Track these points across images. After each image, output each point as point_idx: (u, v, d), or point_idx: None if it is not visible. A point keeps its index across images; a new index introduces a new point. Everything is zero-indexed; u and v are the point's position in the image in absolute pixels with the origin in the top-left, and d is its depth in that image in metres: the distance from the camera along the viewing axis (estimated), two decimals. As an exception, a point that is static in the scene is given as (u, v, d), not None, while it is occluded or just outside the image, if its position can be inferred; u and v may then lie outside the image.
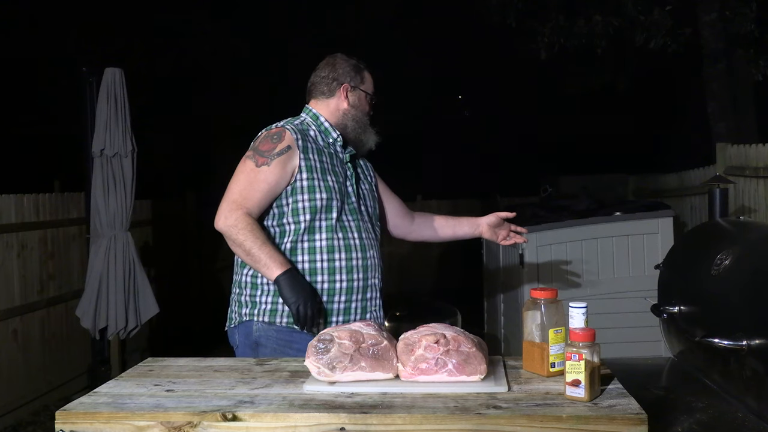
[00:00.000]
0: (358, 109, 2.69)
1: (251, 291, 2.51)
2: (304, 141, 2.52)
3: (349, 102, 2.67)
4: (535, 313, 1.86)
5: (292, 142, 2.49)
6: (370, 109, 2.74)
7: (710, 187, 3.09)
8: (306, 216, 2.47)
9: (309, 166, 2.49)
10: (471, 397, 1.70)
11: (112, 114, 4.88)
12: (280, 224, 2.51)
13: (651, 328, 3.48)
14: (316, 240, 2.48)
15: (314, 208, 2.47)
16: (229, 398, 1.73)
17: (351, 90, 2.68)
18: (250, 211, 2.42)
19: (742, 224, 2.71)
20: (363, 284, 2.55)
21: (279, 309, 2.45)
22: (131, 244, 4.95)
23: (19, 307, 5.07)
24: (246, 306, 2.52)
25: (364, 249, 2.55)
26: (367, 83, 2.74)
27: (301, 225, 2.48)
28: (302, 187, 2.47)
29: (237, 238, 2.39)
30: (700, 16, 7.23)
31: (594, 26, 7.70)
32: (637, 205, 5.41)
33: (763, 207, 4.45)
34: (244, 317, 2.51)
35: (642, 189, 7.61)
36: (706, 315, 2.18)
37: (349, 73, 2.70)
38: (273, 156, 2.45)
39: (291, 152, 2.48)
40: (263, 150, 2.47)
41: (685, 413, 1.91)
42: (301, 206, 2.47)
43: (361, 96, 2.70)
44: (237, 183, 2.46)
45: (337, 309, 2.49)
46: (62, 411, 1.68)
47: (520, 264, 5.12)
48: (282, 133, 2.51)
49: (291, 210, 2.48)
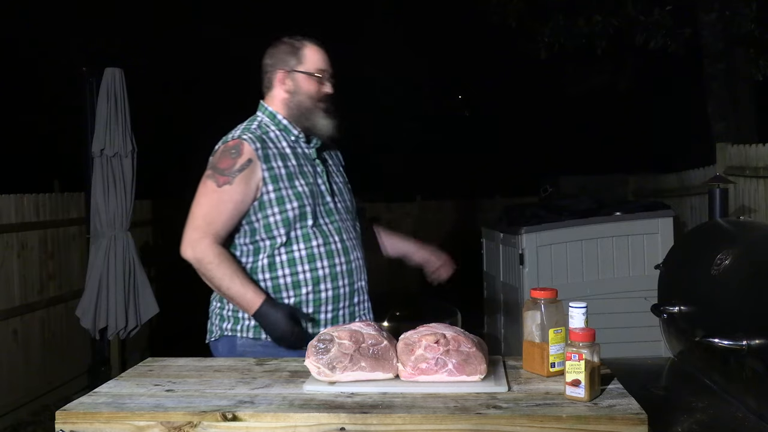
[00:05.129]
0: (298, 95, 2.42)
1: (233, 307, 2.38)
2: (265, 148, 2.34)
3: (286, 88, 2.44)
4: (535, 313, 1.86)
5: (252, 154, 2.31)
6: (319, 90, 2.44)
7: (710, 187, 3.09)
8: (280, 230, 2.32)
9: (273, 176, 2.32)
10: (471, 397, 1.70)
11: (112, 114, 4.88)
12: (253, 241, 2.36)
13: (651, 328, 3.48)
14: (295, 251, 2.34)
15: (287, 220, 2.32)
16: (229, 398, 1.73)
17: (287, 75, 2.43)
18: (217, 235, 2.30)
19: (742, 224, 2.71)
20: (349, 290, 2.41)
21: None
22: (131, 244, 4.95)
23: (19, 307, 5.07)
24: (228, 321, 2.40)
25: (347, 252, 2.41)
26: (308, 62, 2.43)
27: (276, 240, 2.34)
28: (270, 200, 2.32)
29: (206, 273, 2.29)
30: (700, 16, 7.24)
31: (594, 26, 7.71)
32: (637, 205, 5.41)
33: (763, 207, 4.45)
34: (226, 332, 2.40)
35: (642, 189, 7.61)
36: (706, 315, 2.18)
37: (282, 58, 2.45)
38: (234, 173, 2.29)
39: (253, 165, 2.30)
40: (223, 168, 2.31)
41: (685, 413, 1.91)
42: (273, 221, 2.32)
43: (299, 79, 2.42)
44: (200, 207, 2.33)
45: (325, 319, 2.37)
46: (62, 411, 1.68)
47: (520, 264, 5.12)
48: (240, 146, 2.32)
49: (263, 226, 2.33)
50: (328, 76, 2.46)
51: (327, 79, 2.45)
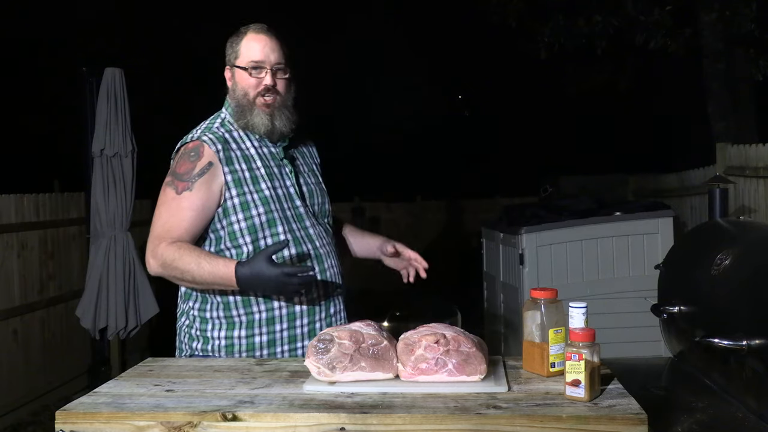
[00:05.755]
0: (236, 91, 2.26)
1: (201, 325, 2.24)
2: (226, 150, 2.20)
3: (230, 85, 2.29)
4: (535, 313, 1.86)
5: (213, 156, 2.17)
6: (257, 83, 2.23)
7: (710, 187, 3.09)
8: (246, 238, 2.18)
9: (237, 180, 2.18)
10: (471, 397, 1.70)
11: (112, 114, 4.88)
12: (218, 251, 2.22)
13: (651, 328, 3.48)
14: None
15: (252, 227, 2.18)
16: (229, 398, 1.73)
17: (230, 70, 2.29)
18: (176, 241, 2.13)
19: (742, 224, 2.71)
20: (325, 302, 2.26)
21: (235, 343, 2.21)
22: (131, 244, 4.95)
23: (19, 307, 5.07)
24: (198, 340, 2.25)
25: (320, 260, 2.24)
26: (244, 53, 2.24)
27: (242, 248, 2.19)
28: (234, 205, 2.17)
29: (174, 273, 2.13)
30: (700, 16, 7.24)
31: (594, 26, 7.72)
32: (637, 205, 5.41)
33: (763, 207, 4.45)
34: (196, 351, 2.25)
35: (642, 189, 7.61)
36: (706, 315, 2.18)
37: (227, 52, 2.29)
38: (194, 178, 2.15)
39: (213, 168, 2.16)
40: (181, 173, 2.17)
41: (685, 413, 1.91)
42: (237, 228, 2.18)
43: (237, 73, 2.26)
44: (159, 217, 2.18)
45: (300, 334, 2.22)
46: (62, 411, 1.68)
47: (520, 264, 5.12)
48: (200, 148, 2.19)
49: (228, 234, 2.19)
50: (270, 67, 2.23)
51: (269, 71, 2.22)
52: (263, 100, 2.23)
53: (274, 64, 2.24)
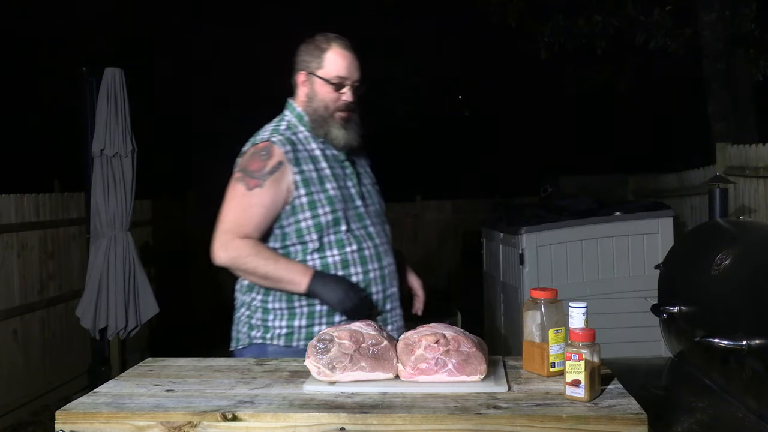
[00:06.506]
0: (315, 101, 2.33)
1: (262, 315, 2.34)
2: (295, 151, 2.29)
3: (305, 92, 2.35)
4: (535, 313, 1.86)
5: (282, 156, 2.26)
6: (338, 98, 2.32)
7: (710, 187, 3.10)
8: (312, 235, 2.28)
9: (305, 179, 2.28)
10: (471, 397, 1.70)
11: (112, 114, 4.88)
12: (284, 246, 2.32)
13: (651, 328, 3.48)
14: (328, 257, 2.29)
15: (319, 225, 2.28)
16: (229, 398, 1.73)
17: (307, 78, 2.35)
18: (248, 237, 2.25)
19: (742, 224, 2.71)
20: (382, 296, 2.36)
21: (295, 332, 2.31)
22: (131, 244, 4.95)
23: (19, 307, 5.07)
24: (258, 329, 2.35)
25: (379, 258, 2.36)
26: (329, 66, 2.31)
27: (308, 245, 2.29)
28: (302, 204, 2.27)
29: (247, 267, 2.25)
30: (700, 16, 7.24)
31: (594, 26, 7.72)
32: (637, 205, 5.41)
33: (763, 207, 4.45)
34: (255, 340, 2.35)
35: (642, 189, 7.61)
36: (706, 315, 2.18)
37: (305, 58, 2.35)
38: (265, 176, 2.25)
39: (283, 168, 2.26)
40: (253, 170, 2.26)
41: (685, 413, 1.91)
42: (304, 225, 2.28)
43: (317, 84, 2.33)
44: (229, 210, 2.28)
45: None
46: (62, 411, 1.68)
47: (520, 264, 5.12)
48: (270, 148, 2.28)
49: (294, 230, 2.29)
50: (351, 83, 2.33)
51: (349, 87, 2.33)
52: (341, 114, 2.34)
53: (355, 81, 2.35)
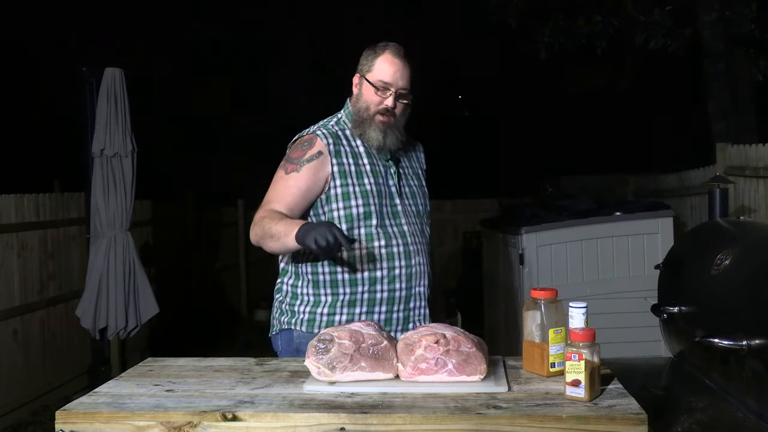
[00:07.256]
0: (360, 101, 2.44)
1: (291, 300, 2.45)
2: (337, 144, 2.41)
3: (356, 93, 2.47)
4: (535, 313, 1.86)
5: (323, 147, 2.38)
6: (380, 101, 2.40)
7: (710, 187, 3.09)
8: (343, 225, 2.35)
9: (342, 171, 2.38)
10: (471, 397, 1.70)
11: (112, 114, 4.88)
12: None
13: (651, 328, 3.48)
14: (356, 249, 2.36)
15: (350, 216, 2.36)
16: (229, 398, 1.73)
17: (359, 79, 2.46)
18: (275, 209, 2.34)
19: (742, 224, 2.71)
20: (406, 294, 2.42)
21: (317, 319, 2.39)
22: (131, 244, 4.95)
23: (19, 307, 5.07)
24: (286, 314, 2.46)
25: (408, 256, 2.41)
26: (376, 71, 2.41)
27: None
28: (336, 194, 2.37)
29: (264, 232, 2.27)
30: (700, 16, 7.24)
31: (594, 26, 7.72)
32: (637, 205, 5.41)
33: (763, 207, 4.45)
34: (284, 325, 2.45)
35: (642, 189, 7.60)
36: (706, 315, 2.18)
37: (362, 61, 2.47)
38: (303, 162, 2.37)
39: (322, 158, 2.37)
40: (293, 157, 2.40)
41: (685, 413, 1.91)
42: (337, 215, 2.37)
43: (364, 86, 2.44)
44: (268, 193, 2.41)
45: (378, 320, 2.37)
46: (62, 411, 1.68)
47: (520, 264, 5.12)
48: (313, 140, 2.41)
49: (327, 220, 2.38)
50: (395, 90, 2.40)
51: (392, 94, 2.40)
52: (381, 118, 2.41)
53: (400, 89, 2.42)
